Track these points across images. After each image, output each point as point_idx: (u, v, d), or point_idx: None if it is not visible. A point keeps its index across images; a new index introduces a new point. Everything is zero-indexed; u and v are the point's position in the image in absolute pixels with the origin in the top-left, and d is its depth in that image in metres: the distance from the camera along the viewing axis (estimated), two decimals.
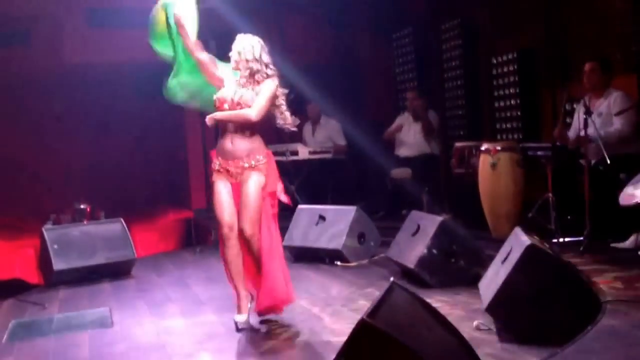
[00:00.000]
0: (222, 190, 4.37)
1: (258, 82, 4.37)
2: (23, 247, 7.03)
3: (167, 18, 4.49)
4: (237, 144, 4.34)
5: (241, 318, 4.35)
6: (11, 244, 7.30)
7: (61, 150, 9.32)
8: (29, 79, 8.98)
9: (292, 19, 9.26)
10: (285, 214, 5.53)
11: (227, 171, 4.37)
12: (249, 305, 4.42)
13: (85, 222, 7.11)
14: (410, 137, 8.08)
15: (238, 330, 4.31)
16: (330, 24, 9.88)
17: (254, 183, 4.29)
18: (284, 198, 4.55)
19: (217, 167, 4.41)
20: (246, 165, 4.32)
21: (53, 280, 6.09)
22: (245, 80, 4.40)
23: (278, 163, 4.66)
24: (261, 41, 4.44)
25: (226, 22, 7.83)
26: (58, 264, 6.07)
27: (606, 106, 5.77)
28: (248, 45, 4.38)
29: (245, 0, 7.93)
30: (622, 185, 4.99)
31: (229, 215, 4.34)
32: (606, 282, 4.27)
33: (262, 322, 4.47)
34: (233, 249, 4.35)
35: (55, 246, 6.14)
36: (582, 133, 5.44)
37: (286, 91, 4.50)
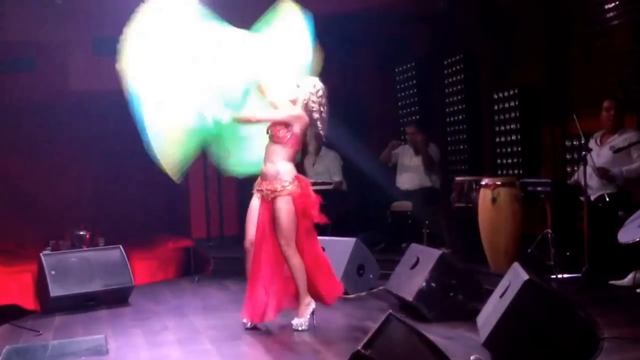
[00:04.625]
0: (253, 207, 4.94)
1: None
2: (20, 273, 7.00)
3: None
4: (268, 167, 4.85)
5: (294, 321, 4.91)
6: (9, 269, 7.28)
7: (63, 175, 9.35)
8: (34, 105, 9.05)
9: None
10: None
11: (261, 191, 4.88)
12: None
13: (84, 249, 7.09)
14: (411, 170, 8.09)
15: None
16: (335, 57, 9.97)
17: (280, 207, 4.77)
18: (321, 218, 4.95)
19: (256, 186, 4.94)
20: (275, 187, 4.79)
21: (50, 306, 6.05)
22: None
23: None
24: (317, 85, 4.96)
25: None
26: (55, 290, 6.03)
27: (621, 141, 5.80)
28: (306, 83, 4.95)
29: (250, 31, 8.00)
30: (620, 223, 5.00)
31: (251, 231, 4.91)
32: (604, 319, 4.25)
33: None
34: (250, 259, 4.94)
35: (53, 272, 6.11)
36: (581, 169, 5.48)
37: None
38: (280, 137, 4.82)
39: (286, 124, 4.82)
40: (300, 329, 4.82)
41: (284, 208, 4.77)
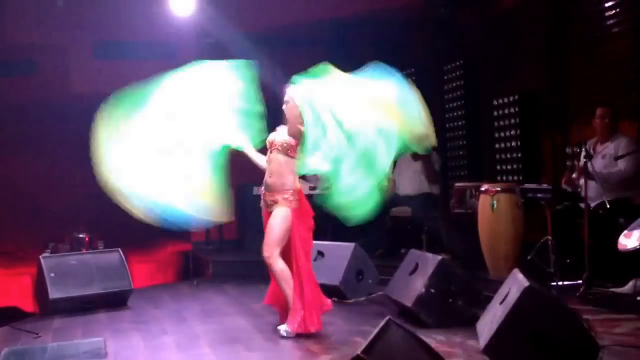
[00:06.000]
0: (264, 217, 5.01)
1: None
2: (20, 275, 7.00)
3: None
4: (274, 180, 4.92)
5: (281, 327, 4.88)
6: (8, 271, 7.28)
7: (62, 178, 9.34)
8: (34, 108, 9.05)
9: (297, 55, 9.36)
10: None
11: (265, 201, 4.97)
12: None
13: (83, 251, 7.08)
14: (409, 175, 8.07)
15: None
16: (335, 62, 9.97)
17: (277, 214, 4.83)
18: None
19: (262, 197, 5.03)
20: (276, 198, 4.87)
21: (49, 308, 6.04)
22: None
23: None
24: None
25: (232, 56, 7.92)
26: (54, 293, 6.03)
27: (612, 148, 5.80)
28: (292, 95, 4.88)
29: (251, 34, 8.02)
30: (621, 230, 5.00)
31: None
32: (604, 327, 4.25)
33: None
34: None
35: (52, 274, 6.10)
36: (582, 177, 5.48)
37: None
38: (292, 151, 4.89)
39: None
40: (287, 335, 4.79)
41: (279, 216, 4.83)
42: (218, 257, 8.48)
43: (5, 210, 8.84)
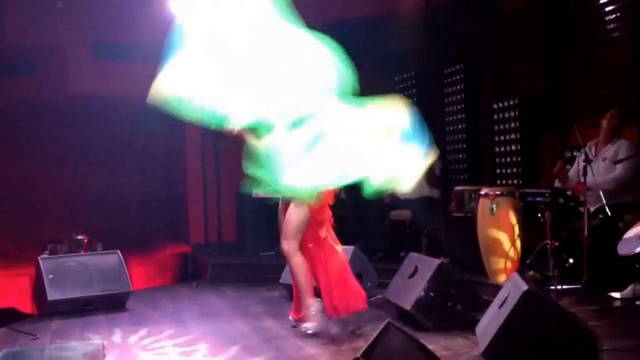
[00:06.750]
0: (281, 212, 5.08)
1: None
2: (18, 276, 6.99)
3: None
4: None
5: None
6: (7, 272, 7.27)
7: (61, 180, 9.34)
8: (33, 109, 9.05)
9: None
10: None
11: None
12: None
13: (82, 253, 7.08)
14: None
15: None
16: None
17: (293, 206, 4.90)
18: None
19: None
20: None
21: (47, 310, 6.04)
22: None
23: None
24: None
25: None
26: (52, 294, 6.03)
27: (612, 152, 5.80)
28: None
29: None
30: (621, 234, 4.99)
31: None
32: (603, 331, 4.24)
33: None
34: None
35: (51, 276, 6.10)
36: (582, 180, 5.46)
37: None
38: None
39: None
40: (309, 332, 4.86)
41: (294, 207, 4.91)
42: (217, 259, 8.48)
43: (4, 211, 8.83)
